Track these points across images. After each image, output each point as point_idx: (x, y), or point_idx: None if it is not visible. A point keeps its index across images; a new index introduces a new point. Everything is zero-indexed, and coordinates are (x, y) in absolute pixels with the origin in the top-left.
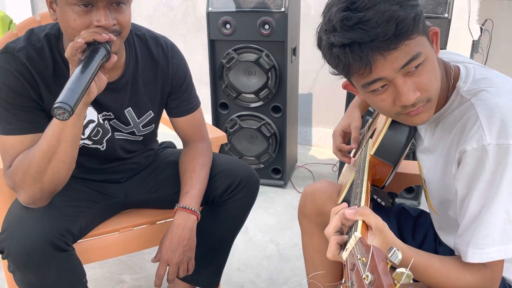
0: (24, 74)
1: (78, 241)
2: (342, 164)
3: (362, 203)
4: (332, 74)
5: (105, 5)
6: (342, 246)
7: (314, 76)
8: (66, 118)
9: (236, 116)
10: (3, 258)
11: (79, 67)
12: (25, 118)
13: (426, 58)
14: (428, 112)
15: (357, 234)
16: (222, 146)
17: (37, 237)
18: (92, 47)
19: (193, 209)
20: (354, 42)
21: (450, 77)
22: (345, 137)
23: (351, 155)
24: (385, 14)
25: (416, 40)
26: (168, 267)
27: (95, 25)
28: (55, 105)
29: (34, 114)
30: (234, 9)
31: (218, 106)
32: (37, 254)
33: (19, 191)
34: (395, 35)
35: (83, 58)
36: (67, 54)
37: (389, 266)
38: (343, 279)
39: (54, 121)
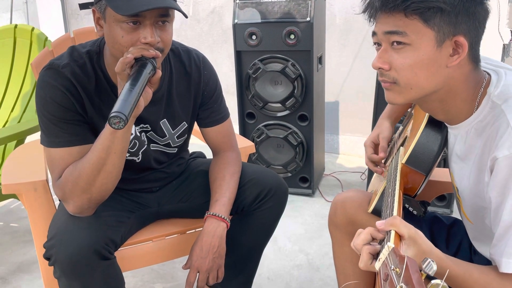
0: (69, 89)
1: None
2: (371, 173)
3: (395, 212)
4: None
5: (152, 23)
6: (375, 256)
7: (340, 83)
8: (122, 126)
9: (263, 126)
10: (50, 265)
11: (130, 80)
12: (71, 131)
13: (411, 44)
14: (393, 94)
15: (390, 244)
16: (249, 155)
17: (83, 245)
18: (140, 62)
19: (223, 216)
20: None
21: (481, 85)
22: (376, 148)
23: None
24: None
25: (412, 23)
26: (198, 274)
27: (142, 42)
28: (112, 115)
29: (80, 127)
30: (259, 20)
31: (245, 116)
32: (83, 261)
33: (68, 201)
34: (397, 3)
35: (132, 72)
36: (117, 68)
37: (424, 277)
38: None
39: (103, 134)
